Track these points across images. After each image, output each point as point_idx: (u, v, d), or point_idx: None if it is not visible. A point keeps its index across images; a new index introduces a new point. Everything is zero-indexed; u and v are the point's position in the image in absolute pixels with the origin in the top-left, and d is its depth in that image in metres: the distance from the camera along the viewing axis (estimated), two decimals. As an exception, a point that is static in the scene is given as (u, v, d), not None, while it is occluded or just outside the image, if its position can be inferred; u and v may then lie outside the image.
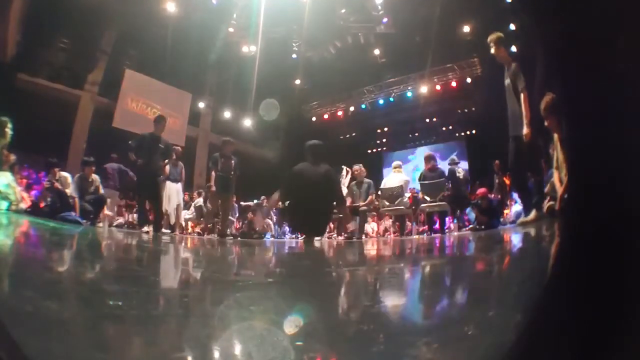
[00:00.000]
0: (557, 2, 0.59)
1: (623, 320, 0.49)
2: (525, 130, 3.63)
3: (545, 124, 3.29)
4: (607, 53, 0.53)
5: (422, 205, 6.43)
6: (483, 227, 5.79)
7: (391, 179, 6.65)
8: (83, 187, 5.83)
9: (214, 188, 6.21)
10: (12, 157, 5.20)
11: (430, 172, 6.26)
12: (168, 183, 6.36)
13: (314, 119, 15.71)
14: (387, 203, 6.50)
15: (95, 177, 6.04)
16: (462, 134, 14.13)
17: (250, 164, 13.28)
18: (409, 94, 13.80)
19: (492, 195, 6.53)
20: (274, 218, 9.68)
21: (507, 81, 3.92)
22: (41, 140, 7.92)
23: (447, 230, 6.44)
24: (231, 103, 13.69)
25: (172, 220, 6.73)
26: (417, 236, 6.71)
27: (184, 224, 7.54)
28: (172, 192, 6.52)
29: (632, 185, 0.51)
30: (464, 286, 1.37)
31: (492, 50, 4.05)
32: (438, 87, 13.04)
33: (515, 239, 3.19)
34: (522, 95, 3.71)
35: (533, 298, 0.78)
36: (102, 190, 6.15)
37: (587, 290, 0.52)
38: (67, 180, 5.70)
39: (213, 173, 6.17)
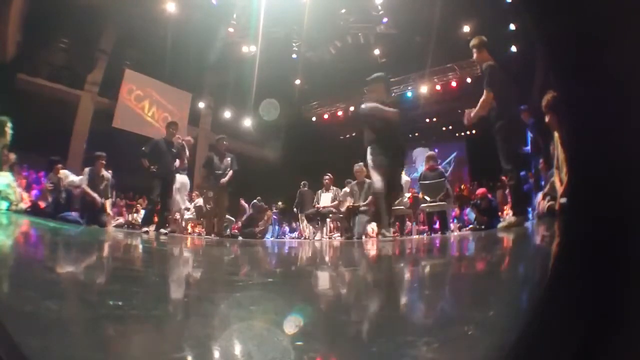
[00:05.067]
0: (557, 1, 0.59)
1: (623, 321, 0.49)
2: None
3: (546, 122, 3.29)
4: (607, 53, 0.53)
5: (422, 205, 6.43)
6: (483, 227, 5.79)
7: (391, 179, 6.64)
8: (94, 183, 5.75)
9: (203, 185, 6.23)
10: (12, 157, 5.20)
11: (430, 172, 6.26)
12: (177, 176, 6.25)
13: (314, 119, 15.70)
14: (387, 203, 6.49)
15: (106, 173, 5.98)
16: (462, 134, 14.12)
17: (250, 164, 13.30)
18: (409, 94, 13.80)
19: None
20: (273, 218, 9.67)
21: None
22: (41, 140, 7.91)
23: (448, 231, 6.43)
24: (231, 103, 13.69)
25: (177, 215, 6.61)
26: (417, 236, 6.71)
27: (183, 224, 7.51)
28: (180, 186, 6.41)
29: (632, 185, 0.51)
30: (464, 286, 1.37)
31: (474, 56, 4.04)
32: (438, 87, 13.03)
33: (514, 240, 3.19)
34: (484, 93, 3.75)
35: (533, 298, 0.78)
36: (109, 191, 6.10)
37: (587, 290, 0.52)
38: (67, 178, 5.68)
39: (205, 172, 6.19)
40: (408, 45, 11.53)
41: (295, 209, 8.54)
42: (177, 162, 5.98)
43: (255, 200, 8.93)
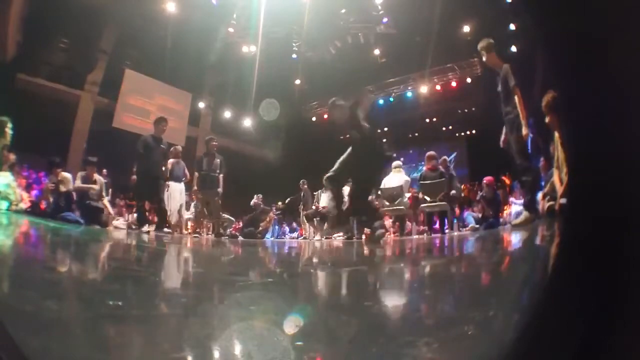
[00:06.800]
0: (558, 2, 0.59)
1: (623, 321, 0.49)
2: (524, 130, 3.57)
3: (546, 122, 3.28)
4: (607, 53, 0.53)
5: (422, 205, 6.43)
6: (484, 225, 5.79)
7: (391, 179, 6.64)
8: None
9: (195, 187, 6.26)
10: (12, 157, 5.20)
11: (430, 172, 6.25)
12: (171, 183, 6.28)
13: (314, 119, 15.70)
14: (387, 203, 6.49)
15: (98, 177, 5.99)
16: (462, 134, 14.12)
17: (250, 164, 13.29)
18: (409, 94, 13.79)
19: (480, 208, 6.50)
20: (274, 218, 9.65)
21: (500, 86, 3.89)
22: (41, 140, 7.92)
23: (447, 230, 6.44)
24: (231, 103, 13.69)
25: (174, 220, 6.65)
26: (417, 236, 6.71)
27: (188, 224, 7.48)
28: (175, 192, 6.45)
29: (632, 185, 0.51)
30: (463, 286, 1.37)
31: (484, 58, 4.06)
32: (438, 87, 13.03)
33: (514, 240, 3.19)
34: (515, 96, 3.65)
35: (533, 298, 0.78)
36: (104, 192, 6.12)
37: (588, 290, 0.52)
38: (69, 181, 5.68)
39: (196, 173, 6.19)
40: (408, 45, 11.52)
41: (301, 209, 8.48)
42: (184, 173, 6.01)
43: (255, 200, 8.91)
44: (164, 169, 5.88)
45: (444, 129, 14.58)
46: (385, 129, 15.72)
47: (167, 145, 5.88)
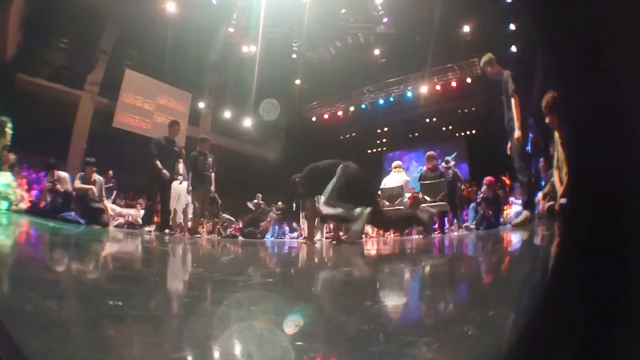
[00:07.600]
0: (558, 2, 0.59)
1: (623, 321, 0.49)
2: (516, 133, 3.66)
3: (546, 122, 3.29)
4: (607, 53, 0.53)
5: (422, 205, 6.42)
6: (484, 225, 5.79)
7: (391, 179, 6.64)
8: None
9: (190, 187, 6.28)
10: (12, 157, 5.20)
11: (430, 172, 6.25)
12: (175, 183, 6.30)
13: (314, 119, 15.70)
14: (387, 203, 6.49)
15: (98, 177, 5.99)
16: (462, 134, 14.13)
17: (250, 164, 13.29)
18: (409, 94, 13.79)
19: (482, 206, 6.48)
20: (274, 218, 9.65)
21: (504, 93, 3.94)
22: (41, 140, 7.91)
23: (447, 231, 6.44)
24: (231, 103, 13.69)
25: (180, 220, 6.64)
26: (417, 236, 6.71)
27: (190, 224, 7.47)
28: (180, 192, 6.45)
29: (632, 185, 0.51)
30: (463, 286, 1.37)
31: (488, 72, 4.13)
32: (438, 87, 13.03)
33: (514, 239, 3.19)
34: (512, 100, 3.76)
35: (533, 298, 0.78)
36: (103, 192, 6.13)
37: (587, 291, 0.52)
38: (66, 180, 5.68)
39: (190, 173, 6.22)
40: (408, 45, 11.53)
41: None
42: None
43: (255, 200, 8.91)
44: (181, 170, 5.98)
45: (444, 129, 14.59)
46: (385, 128, 15.79)
47: (179, 147, 5.93)
